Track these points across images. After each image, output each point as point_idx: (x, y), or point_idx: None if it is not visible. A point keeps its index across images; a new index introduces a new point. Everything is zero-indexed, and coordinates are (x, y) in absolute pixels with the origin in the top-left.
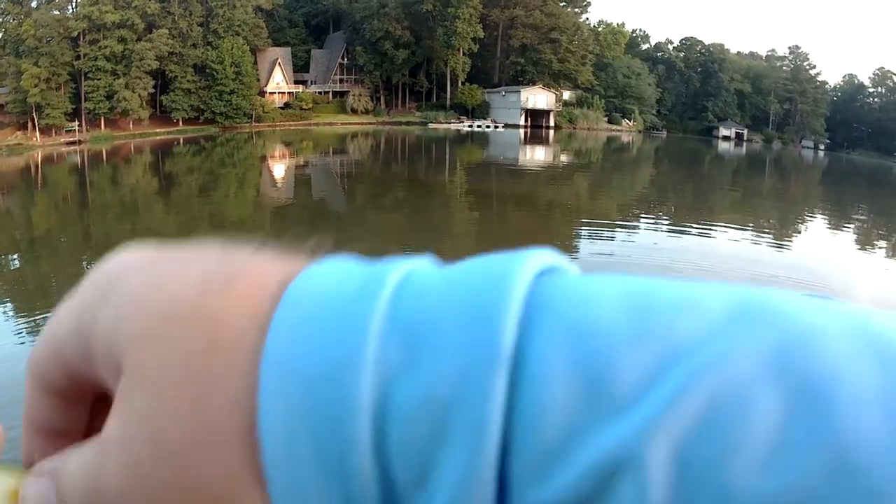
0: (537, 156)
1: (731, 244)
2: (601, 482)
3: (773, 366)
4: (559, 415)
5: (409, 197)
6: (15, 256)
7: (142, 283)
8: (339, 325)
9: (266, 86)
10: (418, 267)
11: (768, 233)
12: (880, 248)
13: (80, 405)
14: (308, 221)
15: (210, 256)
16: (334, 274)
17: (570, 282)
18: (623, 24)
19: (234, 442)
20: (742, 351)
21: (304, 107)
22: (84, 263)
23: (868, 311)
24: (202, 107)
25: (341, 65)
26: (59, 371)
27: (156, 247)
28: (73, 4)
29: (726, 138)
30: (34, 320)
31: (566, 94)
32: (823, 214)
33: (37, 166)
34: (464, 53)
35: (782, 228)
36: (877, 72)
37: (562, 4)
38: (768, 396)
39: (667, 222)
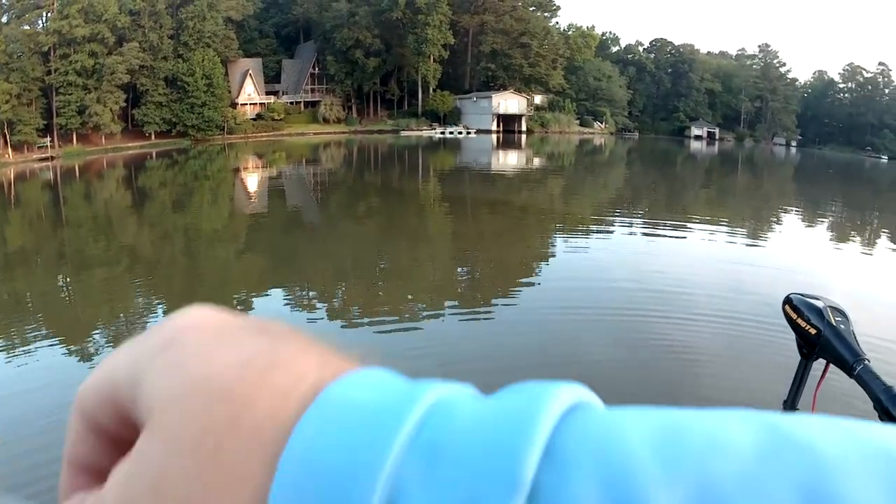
0: (510, 160)
1: (704, 242)
2: None
3: None
4: None
5: (382, 205)
6: None
7: (191, 351)
8: (363, 435)
9: (237, 97)
10: (453, 394)
11: (742, 229)
12: (853, 239)
13: (125, 448)
14: (282, 232)
15: (262, 341)
16: (370, 385)
17: (597, 418)
18: (593, 27)
19: None
20: (772, 495)
21: (276, 117)
22: (59, 280)
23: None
24: (174, 120)
25: (312, 74)
26: (112, 413)
27: (221, 312)
28: (44, 19)
29: (698, 138)
30: (9, 336)
31: (537, 99)
32: (797, 208)
33: (9, 183)
34: (434, 60)
35: (756, 224)
36: (847, 67)
37: (531, 9)
38: None
39: (640, 222)
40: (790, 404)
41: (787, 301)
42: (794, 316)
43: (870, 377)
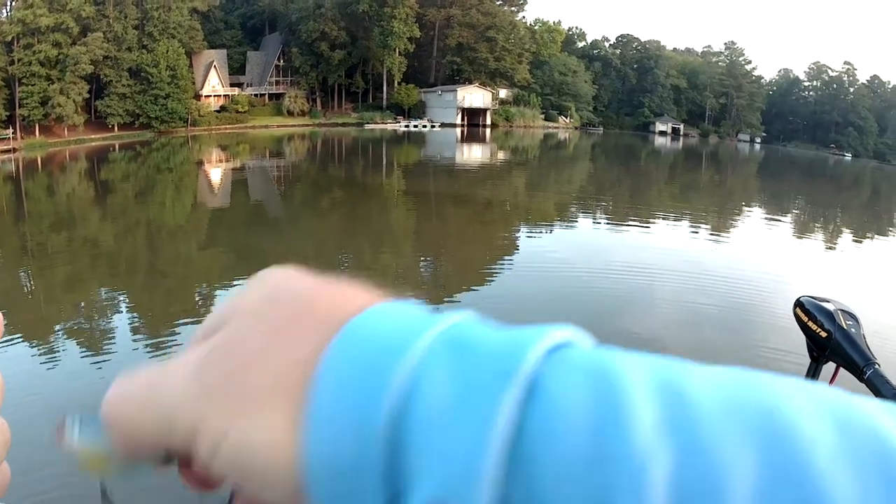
0: (474, 154)
1: (666, 237)
2: None
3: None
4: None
5: (346, 199)
6: None
7: (267, 280)
8: (402, 326)
9: (202, 89)
10: (466, 319)
11: (705, 225)
12: (811, 234)
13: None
14: (245, 226)
15: (331, 283)
16: (411, 305)
17: (595, 349)
18: (559, 22)
19: (288, 389)
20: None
21: (240, 109)
22: (21, 275)
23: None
24: (137, 111)
25: (277, 66)
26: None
27: (301, 273)
28: (7, 8)
29: (663, 133)
30: None
31: (503, 93)
32: (758, 206)
33: None
34: (400, 53)
35: (717, 220)
36: (812, 66)
37: (498, 3)
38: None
39: (603, 218)
40: None
41: (798, 304)
42: (804, 319)
43: (880, 381)
